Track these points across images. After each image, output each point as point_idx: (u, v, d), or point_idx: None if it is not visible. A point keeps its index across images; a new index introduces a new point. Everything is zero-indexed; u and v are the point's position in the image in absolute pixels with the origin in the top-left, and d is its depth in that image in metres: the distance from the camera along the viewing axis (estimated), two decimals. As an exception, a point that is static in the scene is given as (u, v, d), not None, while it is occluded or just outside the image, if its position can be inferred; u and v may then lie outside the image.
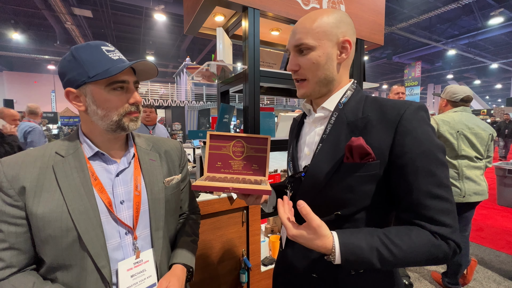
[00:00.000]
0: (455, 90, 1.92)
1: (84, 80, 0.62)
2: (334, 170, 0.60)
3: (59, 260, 0.60)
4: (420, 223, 0.53)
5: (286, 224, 0.55)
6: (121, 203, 0.68)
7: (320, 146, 0.64)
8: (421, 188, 0.53)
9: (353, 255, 0.51)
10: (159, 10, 9.17)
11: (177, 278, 0.71)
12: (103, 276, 0.63)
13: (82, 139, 0.69)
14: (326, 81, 0.64)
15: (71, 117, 15.15)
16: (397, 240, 0.52)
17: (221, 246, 1.39)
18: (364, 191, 0.59)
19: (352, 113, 0.62)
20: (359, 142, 0.55)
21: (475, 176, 1.83)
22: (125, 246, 0.68)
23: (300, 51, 0.63)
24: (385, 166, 0.57)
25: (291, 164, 0.74)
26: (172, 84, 14.81)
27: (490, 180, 5.00)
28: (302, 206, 0.53)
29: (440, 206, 0.52)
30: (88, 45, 0.64)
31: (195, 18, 1.50)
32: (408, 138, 0.55)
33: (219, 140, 0.79)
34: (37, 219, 0.59)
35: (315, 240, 0.52)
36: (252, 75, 1.36)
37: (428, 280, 2.21)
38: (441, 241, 0.51)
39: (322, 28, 0.60)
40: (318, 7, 1.54)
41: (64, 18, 9.78)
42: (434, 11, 9.45)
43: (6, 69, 16.82)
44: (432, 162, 0.53)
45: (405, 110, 0.56)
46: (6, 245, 0.58)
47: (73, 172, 0.64)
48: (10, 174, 0.60)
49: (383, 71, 21.10)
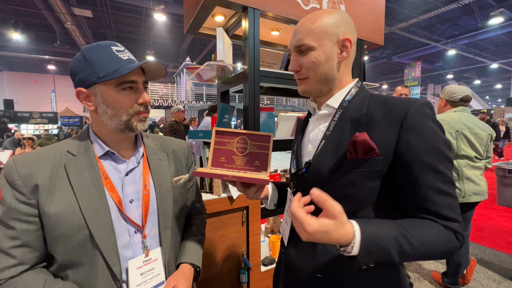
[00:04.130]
0: (454, 90, 1.92)
1: (94, 80, 0.62)
2: (337, 165, 0.60)
3: (70, 257, 0.61)
4: (429, 217, 0.53)
5: (304, 219, 0.48)
6: (131, 202, 0.69)
7: (323, 142, 0.64)
8: (428, 184, 0.53)
9: (374, 244, 0.49)
10: (159, 10, 9.16)
11: (184, 277, 0.72)
12: (113, 273, 0.64)
13: (93, 138, 0.70)
14: (326, 80, 0.64)
15: (71, 117, 15.16)
16: (414, 231, 0.51)
17: (221, 246, 1.39)
18: (367, 187, 0.58)
19: (356, 110, 0.62)
20: (364, 137, 0.55)
21: (474, 176, 1.83)
22: (135, 245, 0.69)
23: (300, 51, 0.64)
24: (389, 162, 0.57)
25: (294, 161, 0.74)
26: (172, 84, 14.81)
27: (490, 180, 5.00)
28: (317, 194, 0.48)
29: (447, 201, 0.53)
30: (99, 45, 0.65)
31: (195, 18, 1.50)
32: (414, 134, 0.55)
33: (224, 136, 0.80)
34: (49, 217, 0.59)
35: (337, 230, 0.48)
36: (252, 75, 1.36)
37: (428, 280, 2.21)
38: (452, 234, 0.53)
39: (322, 28, 0.61)
40: (318, 7, 1.54)
41: (64, 18, 9.77)
42: (434, 11, 9.45)
43: (6, 69, 16.82)
44: (439, 158, 0.54)
45: (410, 107, 0.56)
46: (18, 243, 0.59)
47: (85, 171, 0.64)
48: (24, 172, 0.60)
49: (383, 71, 21.09)
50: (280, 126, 1.79)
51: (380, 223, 0.53)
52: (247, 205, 1.44)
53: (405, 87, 2.62)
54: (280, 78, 1.51)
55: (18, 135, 6.64)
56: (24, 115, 13.52)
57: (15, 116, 13.17)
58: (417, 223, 0.53)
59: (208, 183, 1.39)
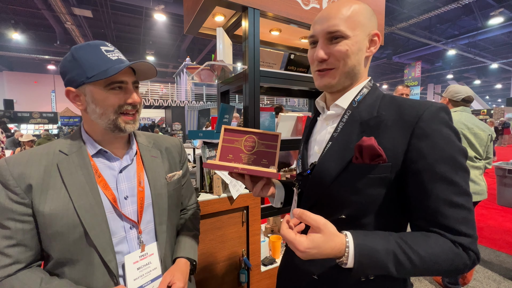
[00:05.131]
0: (457, 90, 1.92)
1: (83, 81, 0.63)
2: (341, 169, 0.57)
3: (66, 255, 0.62)
4: (438, 231, 0.50)
5: (294, 239, 0.48)
6: (125, 199, 0.71)
7: (330, 144, 0.62)
8: (440, 196, 0.50)
9: (368, 257, 0.47)
10: (159, 10, 9.16)
11: (181, 272, 0.74)
12: (109, 269, 0.65)
13: (85, 137, 0.70)
14: (353, 73, 0.60)
15: (71, 117, 15.15)
16: (415, 246, 0.48)
17: (221, 246, 1.39)
18: (371, 194, 0.55)
19: (366, 112, 0.59)
20: (370, 142, 0.52)
21: (474, 176, 1.83)
22: (130, 240, 0.71)
23: (331, 39, 0.58)
24: (397, 170, 0.53)
25: (300, 161, 0.72)
26: (172, 84, 14.80)
27: (490, 180, 5.00)
28: (297, 212, 0.50)
29: (460, 215, 0.49)
30: (88, 45, 0.65)
31: (195, 18, 1.50)
32: (427, 142, 0.51)
33: (233, 134, 0.80)
34: (44, 216, 0.60)
35: (328, 242, 0.47)
36: (252, 75, 1.36)
37: (428, 280, 2.21)
38: (461, 250, 0.49)
39: (358, 17, 0.57)
40: (318, 7, 1.54)
41: (64, 18, 9.77)
42: (434, 11, 9.44)
43: (6, 69, 16.82)
44: (453, 169, 0.50)
45: (424, 111, 0.52)
46: (13, 242, 0.60)
47: (77, 170, 0.65)
48: (16, 172, 0.61)
49: (383, 71, 21.09)
50: (280, 126, 1.79)
51: (377, 235, 0.51)
52: (247, 205, 1.44)
53: (406, 86, 2.60)
54: (280, 78, 1.51)
55: (18, 135, 6.65)
56: (24, 115, 13.52)
57: (15, 116, 13.16)
58: (420, 236, 0.50)
59: (208, 183, 1.39)
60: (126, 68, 0.66)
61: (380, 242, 0.49)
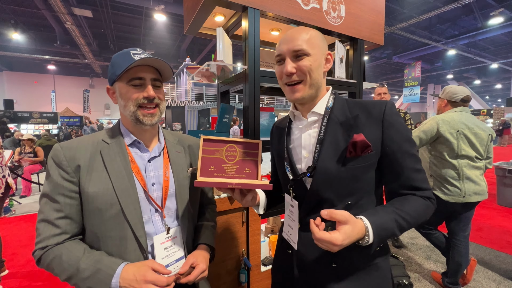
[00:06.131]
0: (455, 90, 1.92)
1: (114, 79, 0.76)
2: (341, 164, 0.69)
3: (103, 230, 0.71)
4: (410, 192, 0.68)
5: (331, 237, 0.56)
6: (153, 185, 0.81)
7: (321, 146, 0.72)
8: (409, 166, 0.68)
9: (384, 230, 0.61)
10: (159, 10, 9.16)
11: (203, 255, 0.82)
12: (140, 244, 0.74)
13: (123, 129, 0.82)
14: (317, 85, 0.73)
15: (71, 117, 15.16)
16: (405, 209, 0.65)
17: (221, 246, 1.39)
18: (366, 178, 0.71)
19: (341, 114, 0.73)
20: (362, 137, 0.66)
21: (475, 176, 1.83)
22: (155, 222, 0.79)
23: (296, 56, 0.70)
24: (378, 155, 0.70)
25: (289, 168, 0.79)
26: (172, 84, 14.80)
27: (490, 180, 5.00)
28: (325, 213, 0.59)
29: (422, 176, 0.69)
30: (122, 51, 0.78)
31: (195, 18, 1.50)
32: (393, 129, 0.69)
33: (213, 144, 0.81)
34: (88, 194, 0.71)
35: (354, 230, 0.58)
36: (252, 75, 1.36)
37: (428, 280, 2.21)
38: (429, 202, 0.68)
39: (315, 40, 0.71)
40: (318, 7, 1.54)
41: (64, 18, 9.77)
42: (434, 11, 9.44)
43: (6, 69, 16.82)
44: (411, 145, 0.70)
45: (385, 107, 0.70)
46: (62, 214, 0.70)
47: (116, 157, 0.76)
48: (68, 155, 0.72)
49: (383, 71, 21.08)
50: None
51: (381, 210, 0.65)
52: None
53: (383, 86, 2.69)
54: (280, 78, 1.50)
55: (18, 135, 6.64)
56: (24, 115, 13.52)
57: (15, 116, 13.16)
58: (403, 201, 0.67)
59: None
60: (146, 66, 0.76)
61: (384, 215, 0.63)
